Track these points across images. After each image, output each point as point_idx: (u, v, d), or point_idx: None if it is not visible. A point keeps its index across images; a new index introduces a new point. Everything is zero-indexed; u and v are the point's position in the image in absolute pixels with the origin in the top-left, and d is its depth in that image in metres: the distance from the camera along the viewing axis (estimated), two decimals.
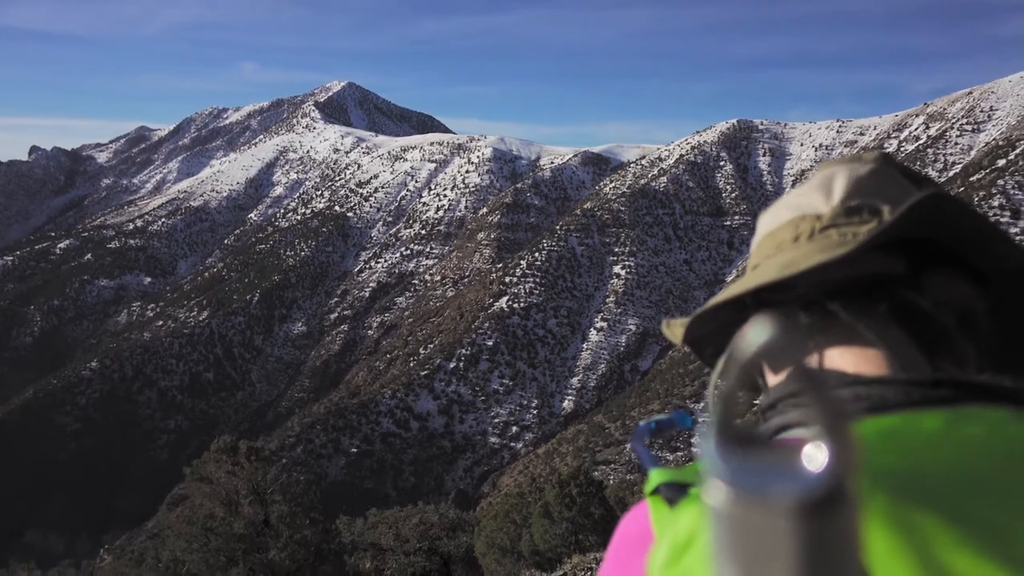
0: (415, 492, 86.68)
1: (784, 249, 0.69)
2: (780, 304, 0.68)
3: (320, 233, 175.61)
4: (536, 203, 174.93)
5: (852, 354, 0.64)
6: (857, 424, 0.53)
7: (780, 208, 0.74)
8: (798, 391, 0.61)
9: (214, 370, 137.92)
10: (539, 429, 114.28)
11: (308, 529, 12.46)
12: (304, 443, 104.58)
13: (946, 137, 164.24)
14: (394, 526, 16.76)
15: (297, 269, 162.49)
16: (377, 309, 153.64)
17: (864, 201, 0.67)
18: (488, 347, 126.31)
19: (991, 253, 0.66)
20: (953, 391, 0.57)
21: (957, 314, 0.65)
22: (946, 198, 0.62)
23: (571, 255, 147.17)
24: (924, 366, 0.62)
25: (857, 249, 0.62)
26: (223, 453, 12.20)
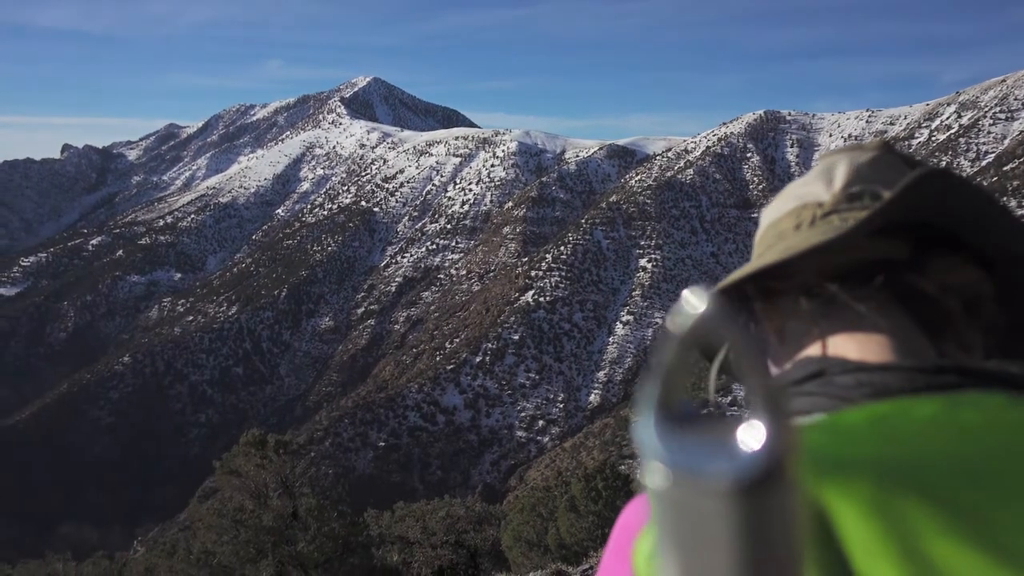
0: (442, 486, 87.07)
1: (785, 237, 0.68)
2: (782, 292, 0.67)
3: (346, 228, 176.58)
4: (561, 196, 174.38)
5: (856, 340, 0.63)
6: (830, 408, 0.53)
7: (782, 199, 0.74)
8: (802, 379, 0.61)
9: (243, 364, 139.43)
10: (565, 423, 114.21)
11: (336, 522, 12.54)
12: (332, 437, 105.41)
13: (979, 126, 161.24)
14: (421, 519, 16.83)
15: (324, 264, 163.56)
16: (403, 304, 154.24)
17: (865, 187, 0.67)
18: (514, 341, 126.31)
19: (996, 235, 0.64)
20: (958, 377, 0.56)
21: (963, 299, 0.64)
22: (943, 175, 0.61)
23: (597, 248, 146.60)
24: (929, 352, 0.62)
25: (854, 229, 0.62)
26: (252, 447, 12.31)
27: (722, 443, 0.30)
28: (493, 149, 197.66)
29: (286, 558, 11.85)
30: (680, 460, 0.30)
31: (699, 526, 0.29)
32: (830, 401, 0.57)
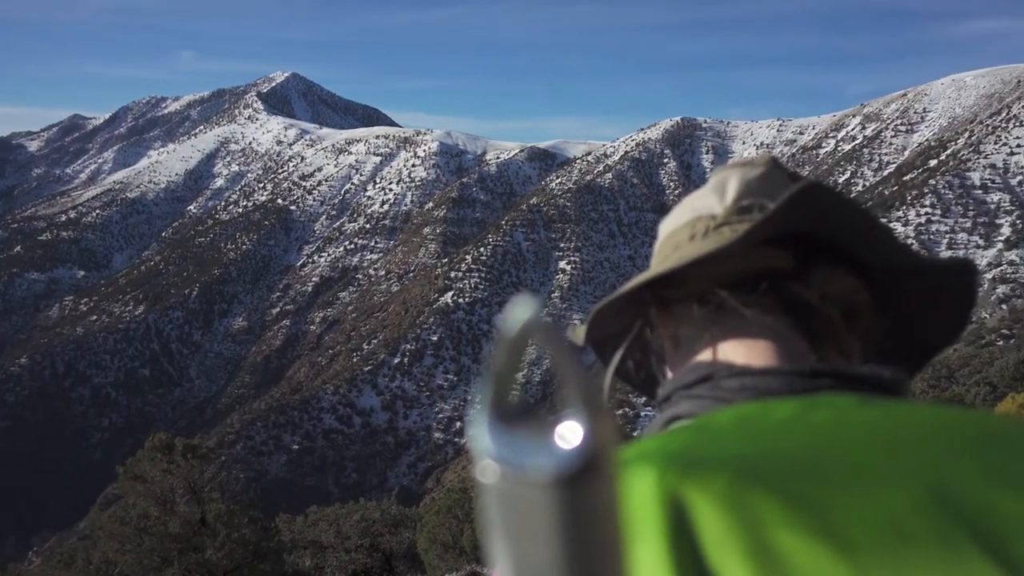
0: (357, 489, 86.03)
1: (681, 247, 0.72)
2: (677, 299, 0.71)
3: (262, 226, 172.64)
4: (482, 198, 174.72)
5: (744, 345, 0.66)
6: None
7: (679, 211, 0.77)
8: (692, 383, 0.65)
9: (150, 366, 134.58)
10: None
11: (246, 527, 12.22)
12: (244, 440, 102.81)
13: (881, 137, 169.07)
14: (335, 523, 16.56)
15: (238, 263, 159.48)
16: (320, 304, 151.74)
17: (755, 201, 0.70)
18: (433, 342, 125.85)
19: (872, 247, 0.68)
20: (833, 381, 0.60)
21: (842, 307, 0.68)
22: (821, 190, 0.64)
23: (517, 250, 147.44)
24: (810, 357, 0.65)
25: (741, 240, 0.65)
26: (158, 451, 11.88)
27: (545, 441, 0.32)
28: (414, 149, 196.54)
29: (193, 566, 11.47)
30: (507, 456, 0.32)
31: (525, 516, 0.31)
32: (716, 403, 0.62)
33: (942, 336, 0.76)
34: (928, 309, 0.73)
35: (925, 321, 0.74)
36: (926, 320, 0.74)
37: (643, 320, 0.76)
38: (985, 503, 0.44)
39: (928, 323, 0.74)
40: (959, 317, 0.74)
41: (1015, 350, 31.66)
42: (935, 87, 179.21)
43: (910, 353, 0.76)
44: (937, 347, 0.76)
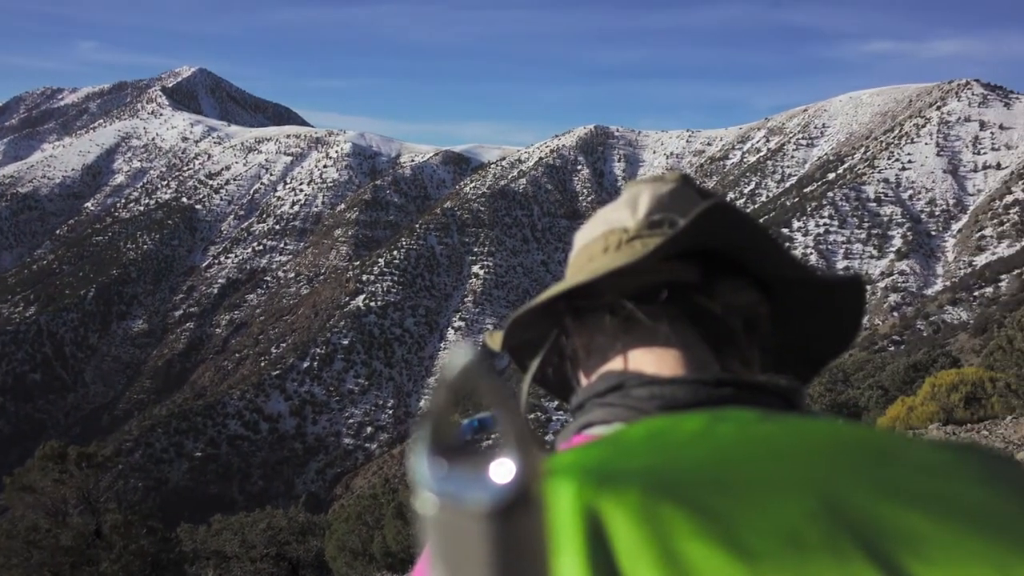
0: (263, 496, 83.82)
1: (594, 259, 0.76)
2: (590, 309, 0.74)
3: (165, 225, 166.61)
4: (396, 201, 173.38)
5: (653, 354, 0.70)
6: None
7: (593, 223, 0.81)
8: (604, 391, 0.69)
9: (42, 370, 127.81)
10: (395, 429, 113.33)
11: (145, 539, 11.74)
12: (143, 447, 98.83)
13: (784, 150, 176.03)
14: (240, 532, 16.09)
15: (139, 263, 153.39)
16: (226, 306, 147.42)
17: (665, 216, 0.75)
18: (343, 346, 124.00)
19: (770, 262, 0.73)
20: (734, 390, 0.64)
21: (744, 318, 0.73)
22: (725, 209, 0.69)
23: (430, 254, 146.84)
24: (714, 366, 0.70)
25: (651, 254, 0.69)
26: (49, 460, 11.28)
27: (480, 475, 0.35)
28: (326, 149, 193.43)
29: None
30: (445, 489, 0.35)
31: (461, 546, 0.34)
32: (627, 412, 0.66)
33: (834, 345, 0.81)
34: (822, 320, 0.78)
35: (819, 331, 0.79)
36: (820, 331, 0.79)
37: (558, 329, 0.79)
38: (871, 513, 0.46)
39: (822, 333, 0.79)
40: (850, 328, 0.79)
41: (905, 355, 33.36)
42: (834, 103, 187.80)
43: (806, 361, 0.81)
44: (830, 356, 0.82)
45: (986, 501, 0.49)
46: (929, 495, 0.49)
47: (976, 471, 0.52)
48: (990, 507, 0.48)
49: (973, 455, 0.55)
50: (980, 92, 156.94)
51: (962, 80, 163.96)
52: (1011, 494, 0.50)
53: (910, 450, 0.53)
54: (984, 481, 0.51)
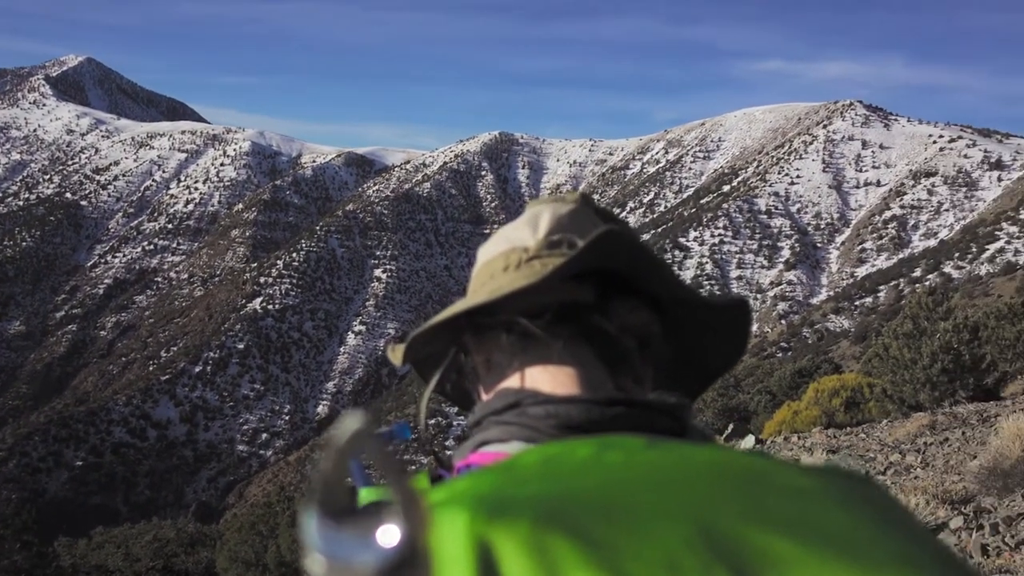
0: (150, 507, 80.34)
1: (495, 277, 0.78)
2: (490, 326, 0.77)
3: (47, 222, 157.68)
4: (296, 202, 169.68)
5: (549, 372, 0.73)
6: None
7: (495, 240, 0.83)
8: (501, 409, 0.71)
9: None
10: (291, 436, 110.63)
11: (18, 554, 11.05)
12: (18, 457, 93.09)
13: (682, 162, 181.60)
14: (123, 545, 15.38)
15: (16, 261, 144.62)
16: (113, 308, 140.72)
17: (564, 236, 0.78)
18: (239, 350, 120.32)
19: (661, 283, 0.78)
20: (625, 408, 0.67)
21: (637, 338, 0.77)
22: (621, 234, 0.72)
23: (331, 257, 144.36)
24: (608, 384, 0.73)
25: (549, 277, 0.72)
26: None
27: (368, 538, 0.38)
28: (224, 147, 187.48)
29: None
30: (334, 552, 0.38)
31: None
32: (523, 430, 0.68)
33: (724, 361, 0.86)
34: (711, 338, 0.83)
35: (709, 348, 0.84)
36: (710, 347, 0.84)
37: (458, 345, 0.81)
38: (742, 539, 0.48)
39: (712, 350, 0.84)
40: (737, 346, 0.85)
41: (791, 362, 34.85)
42: (729, 119, 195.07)
43: (697, 376, 0.86)
44: (720, 370, 0.87)
45: (846, 524, 0.52)
46: (796, 520, 0.51)
47: (838, 495, 0.55)
48: (849, 530, 0.51)
49: (837, 479, 0.58)
50: (863, 113, 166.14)
51: (847, 101, 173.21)
52: (868, 517, 0.53)
53: (780, 475, 0.56)
54: (845, 504, 0.54)
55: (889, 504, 0.58)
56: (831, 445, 9.78)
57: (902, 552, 0.50)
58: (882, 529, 0.52)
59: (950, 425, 9.42)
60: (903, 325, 13.35)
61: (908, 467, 7.79)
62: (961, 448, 7.89)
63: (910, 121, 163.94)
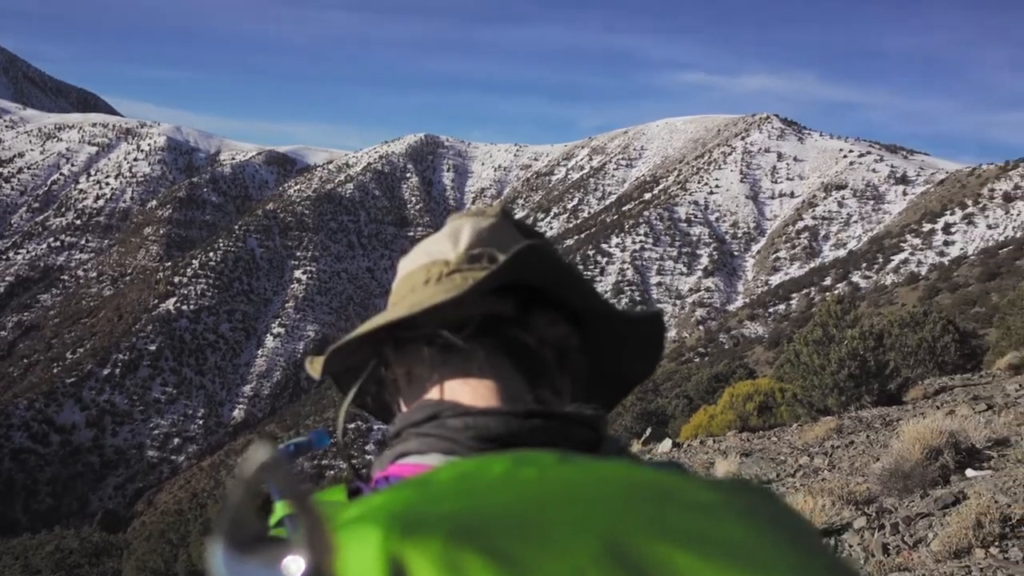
0: (52, 516, 76.87)
1: (416, 290, 0.79)
2: (411, 339, 0.78)
3: None
4: (214, 200, 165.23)
5: (469, 385, 0.75)
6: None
7: (416, 253, 0.83)
8: (420, 421, 0.72)
9: None
10: (205, 440, 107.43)
11: None
12: None
13: (605, 169, 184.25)
14: (22, 557, 14.64)
15: None
16: (15, 307, 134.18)
17: (485, 250, 0.79)
18: (150, 352, 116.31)
19: (580, 297, 0.79)
20: (543, 420, 0.69)
21: (556, 350, 0.79)
22: (541, 249, 0.74)
23: (250, 257, 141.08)
24: (527, 396, 0.75)
25: (470, 291, 0.73)
26: None
27: (274, 567, 0.39)
28: (137, 142, 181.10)
29: None
30: None
31: None
32: (441, 442, 0.69)
33: (638, 373, 0.89)
34: (628, 350, 0.85)
35: (626, 359, 0.86)
36: (627, 358, 0.86)
37: (377, 358, 0.82)
38: (646, 552, 0.50)
39: (626, 362, 0.86)
40: (651, 358, 0.87)
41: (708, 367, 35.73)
42: (652, 128, 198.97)
43: (614, 385, 0.89)
44: (637, 380, 0.90)
45: (745, 536, 0.54)
46: (698, 533, 0.53)
47: (740, 508, 0.57)
48: (748, 541, 0.53)
49: (740, 493, 0.60)
50: (779, 126, 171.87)
51: (764, 114, 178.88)
52: (766, 529, 0.56)
53: (686, 490, 0.58)
54: (746, 517, 0.56)
55: (787, 516, 0.60)
56: (744, 448, 10.04)
57: (795, 562, 0.53)
58: (778, 540, 0.55)
59: (856, 429, 9.78)
60: (813, 332, 13.81)
61: (816, 469, 8.06)
62: (866, 451, 8.21)
63: (823, 135, 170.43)
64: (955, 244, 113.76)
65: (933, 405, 10.25)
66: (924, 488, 5.61)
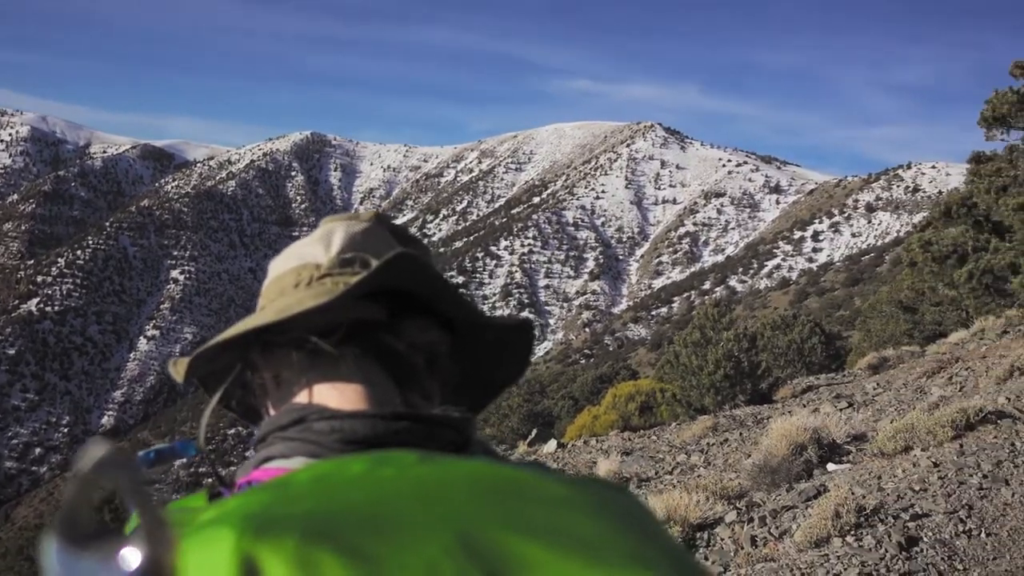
0: None
1: (286, 293, 0.78)
2: (279, 343, 0.77)
3: None
4: (82, 195, 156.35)
5: (337, 389, 0.74)
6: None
7: (287, 256, 0.83)
8: (286, 425, 0.71)
9: None
10: (70, 450, 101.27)
11: None
12: None
13: (495, 172, 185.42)
14: None
15: None
16: None
17: (357, 255, 0.78)
18: (9, 356, 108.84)
19: (454, 305, 0.80)
20: (410, 423, 0.69)
21: (427, 355, 0.79)
22: (413, 257, 0.74)
23: (122, 255, 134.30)
24: (396, 400, 0.75)
25: (341, 297, 0.73)
26: None
27: (110, 561, 0.39)
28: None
29: None
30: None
31: None
32: (307, 445, 0.69)
33: (508, 376, 0.90)
34: (499, 355, 0.86)
35: (496, 364, 0.87)
36: (497, 363, 0.87)
37: (243, 362, 0.81)
38: (498, 545, 0.52)
39: (499, 366, 0.87)
40: (520, 363, 0.88)
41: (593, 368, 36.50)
42: (541, 132, 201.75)
43: (485, 389, 0.90)
44: (503, 386, 0.91)
45: (593, 529, 0.57)
46: (548, 526, 0.56)
47: (591, 503, 0.60)
48: (595, 534, 0.56)
49: (593, 489, 0.63)
50: (662, 135, 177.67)
51: (648, 123, 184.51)
52: (615, 522, 0.59)
53: (539, 485, 0.61)
54: (595, 511, 0.59)
55: (638, 511, 0.64)
56: (626, 448, 10.28)
57: (637, 552, 0.56)
58: (625, 533, 0.58)
59: (730, 427, 10.19)
60: (692, 334, 14.33)
61: (692, 466, 8.34)
62: (738, 448, 8.56)
63: (703, 145, 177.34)
64: (823, 251, 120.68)
65: (800, 403, 10.79)
66: (790, 482, 5.89)
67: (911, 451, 5.82)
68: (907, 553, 4.10)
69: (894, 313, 20.66)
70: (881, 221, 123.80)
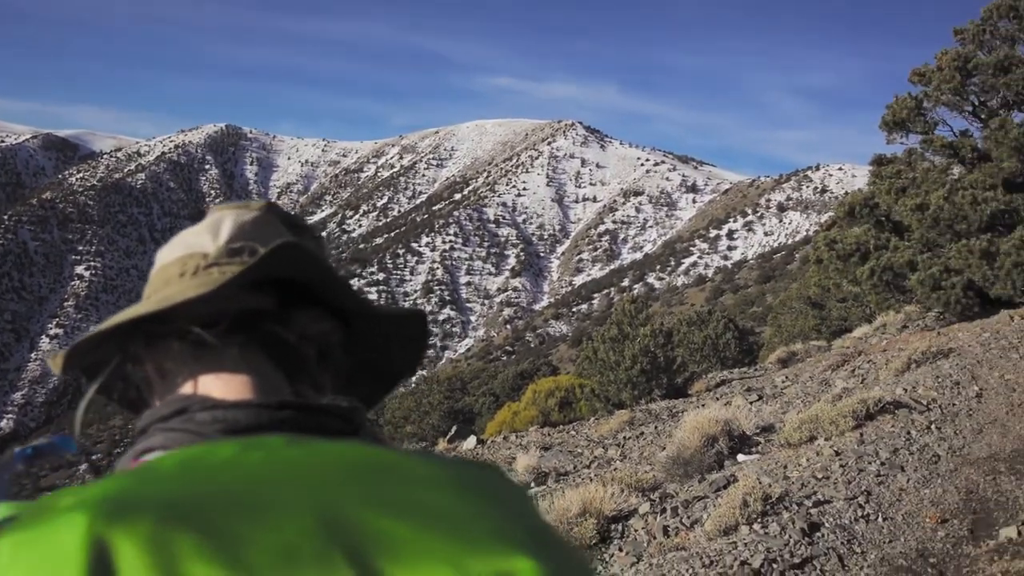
0: None
1: (171, 283, 0.76)
2: (161, 334, 0.75)
3: None
4: None
5: (222, 380, 0.73)
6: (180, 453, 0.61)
7: (174, 245, 0.80)
8: (168, 415, 0.70)
9: None
10: None
11: None
12: None
13: (416, 168, 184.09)
14: None
15: None
16: None
17: (246, 244, 0.76)
18: None
19: (346, 296, 0.79)
20: (295, 412, 0.69)
21: (318, 346, 0.78)
22: (300, 246, 0.73)
23: (22, 250, 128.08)
24: (285, 391, 0.74)
25: (223, 287, 0.72)
26: None
27: None
28: None
29: None
30: None
31: None
32: (188, 436, 0.67)
33: (404, 368, 0.89)
34: (392, 347, 0.86)
35: (392, 355, 0.87)
36: (392, 355, 0.86)
37: (123, 354, 0.79)
38: (360, 524, 0.54)
39: (393, 357, 0.87)
40: (415, 354, 0.88)
41: (514, 364, 36.64)
42: (462, 129, 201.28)
43: (379, 382, 0.89)
44: (399, 377, 0.91)
45: (457, 506, 0.59)
46: (411, 504, 0.57)
47: (457, 482, 0.62)
48: (459, 511, 0.58)
49: (460, 468, 0.65)
50: (583, 133, 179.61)
51: (569, 121, 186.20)
52: (480, 500, 0.61)
53: (407, 466, 0.62)
54: (461, 490, 0.61)
55: (506, 489, 0.66)
56: (545, 443, 10.36)
57: (500, 528, 0.58)
58: (489, 510, 0.60)
59: (646, 420, 10.39)
60: (610, 330, 14.54)
61: (609, 460, 8.47)
62: (654, 441, 8.73)
63: (623, 144, 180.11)
64: (737, 249, 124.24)
65: (713, 397, 11.08)
66: (702, 473, 6.05)
67: (815, 441, 6.05)
68: (809, 539, 4.27)
69: (803, 309, 21.45)
70: (792, 220, 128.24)
